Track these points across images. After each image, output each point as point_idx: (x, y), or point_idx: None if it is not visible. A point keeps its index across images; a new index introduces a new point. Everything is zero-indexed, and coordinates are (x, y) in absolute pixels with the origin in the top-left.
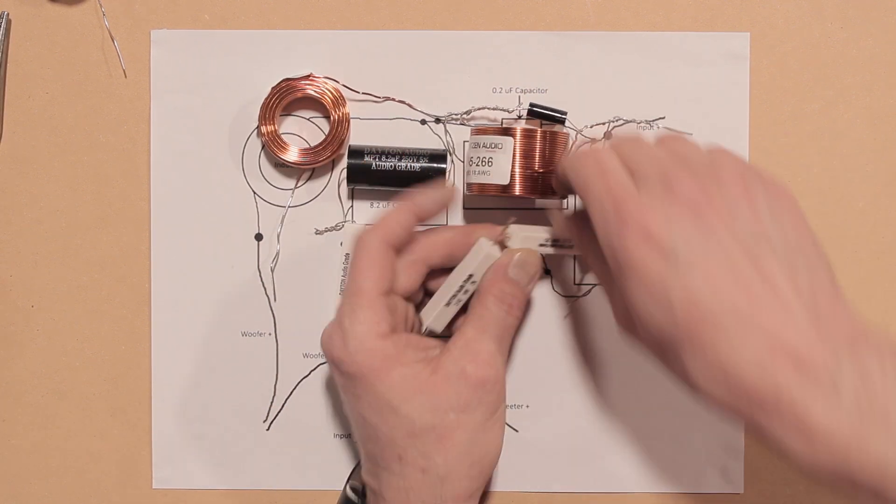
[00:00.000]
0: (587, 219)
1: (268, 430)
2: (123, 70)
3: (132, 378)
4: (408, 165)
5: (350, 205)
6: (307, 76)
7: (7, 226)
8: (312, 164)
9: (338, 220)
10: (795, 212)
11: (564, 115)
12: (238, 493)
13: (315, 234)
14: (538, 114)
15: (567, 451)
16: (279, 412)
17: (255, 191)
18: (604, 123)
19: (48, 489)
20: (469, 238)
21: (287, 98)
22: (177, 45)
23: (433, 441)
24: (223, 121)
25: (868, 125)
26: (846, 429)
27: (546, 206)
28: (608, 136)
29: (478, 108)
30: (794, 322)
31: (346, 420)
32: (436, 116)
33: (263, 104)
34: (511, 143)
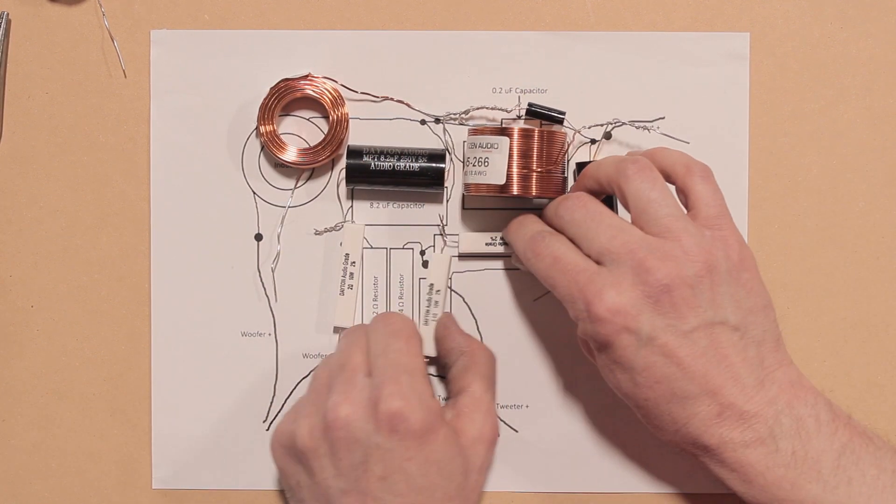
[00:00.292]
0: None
1: (268, 430)
2: (123, 70)
3: (132, 378)
4: (407, 165)
5: (350, 205)
6: (306, 76)
7: (7, 226)
8: (312, 165)
9: (337, 220)
10: (752, 279)
11: (563, 116)
12: (238, 493)
13: (315, 235)
14: (537, 113)
15: (567, 451)
16: (279, 412)
17: (255, 191)
18: (602, 125)
19: (48, 489)
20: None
21: (286, 98)
22: (177, 45)
23: (461, 502)
24: (223, 121)
25: (868, 125)
26: (781, 475)
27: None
28: (607, 136)
29: (477, 108)
30: (742, 389)
31: None
32: (435, 116)
33: (262, 104)
34: (507, 143)
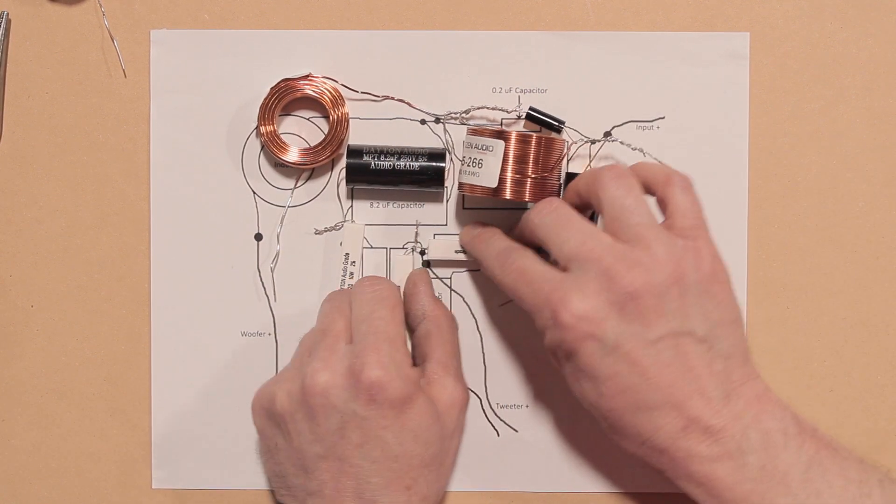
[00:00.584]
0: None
1: None
2: (123, 70)
3: (132, 378)
4: (407, 164)
5: (350, 205)
6: (306, 76)
7: (7, 226)
8: (312, 164)
9: (337, 220)
10: (722, 292)
11: (562, 125)
12: (238, 493)
13: (315, 234)
14: (536, 119)
15: (567, 451)
16: None
17: (255, 191)
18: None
19: (48, 489)
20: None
21: (286, 98)
22: (176, 45)
23: (437, 468)
24: (223, 121)
25: (868, 125)
26: (750, 489)
27: None
28: (607, 135)
29: (477, 108)
30: (708, 402)
31: None
32: (435, 116)
33: (262, 104)
34: (501, 147)
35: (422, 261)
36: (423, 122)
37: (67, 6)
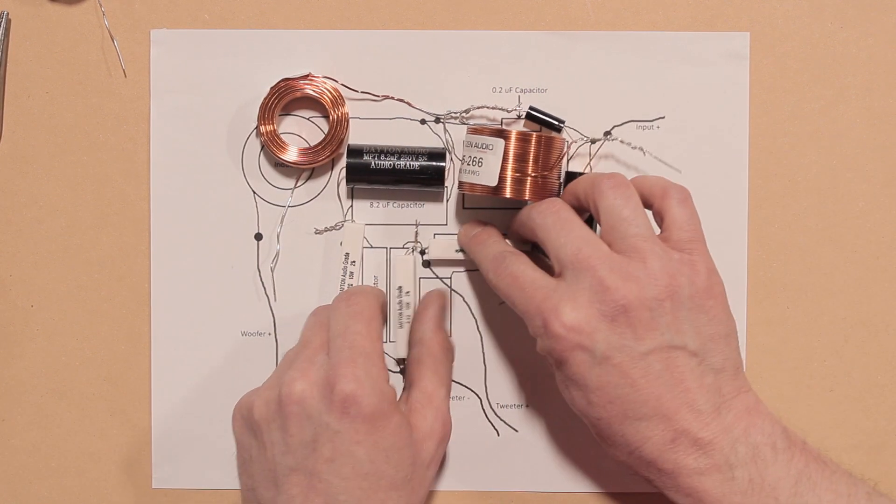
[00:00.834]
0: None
1: None
2: (123, 70)
3: (132, 378)
4: (407, 164)
5: (350, 204)
6: (306, 76)
7: (7, 226)
8: (312, 164)
9: (337, 220)
10: (716, 307)
11: (562, 124)
12: (238, 494)
13: (315, 234)
14: (536, 118)
15: (567, 451)
16: None
17: (255, 190)
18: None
19: (48, 489)
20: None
21: (286, 98)
22: (177, 45)
23: (407, 494)
24: (223, 120)
25: (868, 125)
26: (737, 502)
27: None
28: (608, 134)
29: (477, 107)
30: (698, 415)
31: None
32: (435, 115)
33: (262, 104)
34: (501, 146)
35: (422, 260)
36: (423, 122)
37: (67, 6)
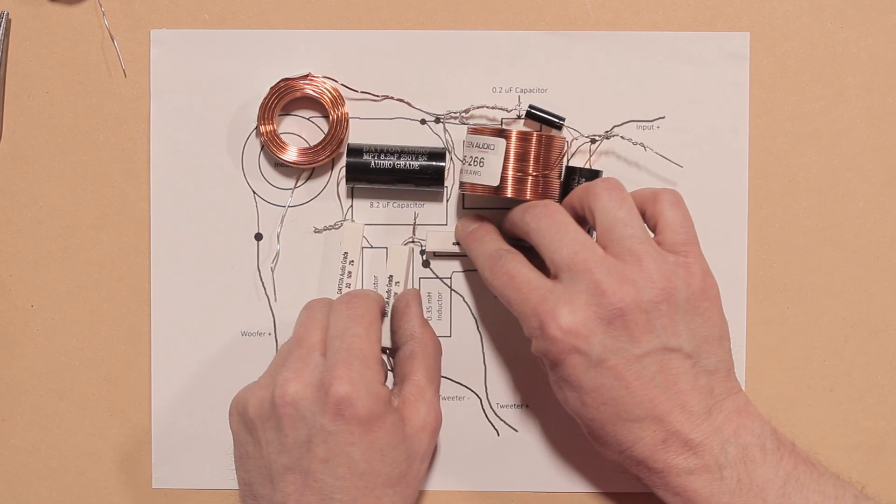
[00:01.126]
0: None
1: None
2: (123, 70)
3: (132, 378)
4: (407, 164)
5: (350, 204)
6: (306, 76)
7: (7, 226)
8: (312, 164)
9: (337, 220)
10: (711, 309)
11: (562, 121)
12: (238, 493)
13: (315, 234)
14: (536, 117)
15: (567, 451)
16: None
17: (255, 190)
18: (597, 139)
19: (48, 489)
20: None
21: (286, 98)
22: (177, 45)
23: (402, 490)
24: (223, 121)
25: (868, 125)
26: (726, 501)
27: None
28: (608, 135)
29: (477, 107)
30: (689, 417)
31: None
32: (435, 115)
33: (262, 104)
34: (503, 145)
35: (422, 261)
36: (423, 122)
37: (67, 6)
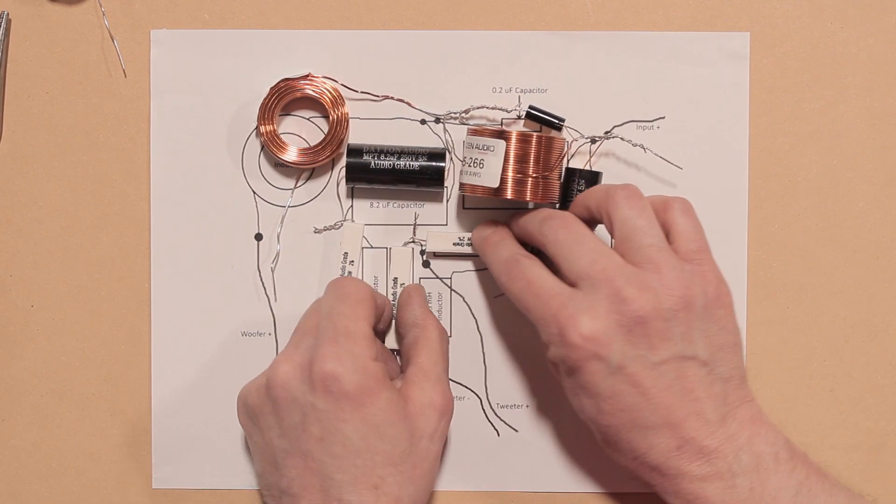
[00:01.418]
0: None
1: None
2: (123, 70)
3: (132, 378)
4: (407, 164)
5: (350, 204)
6: (306, 76)
7: (7, 226)
8: (312, 164)
9: (337, 220)
10: (726, 316)
11: (562, 122)
12: (238, 493)
13: (315, 234)
14: (536, 117)
15: (567, 452)
16: None
17: (255, 191)
18: (597, 139)
19: (48, 489)
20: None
21: (286, 98)
22: (177, 45)
23: (409, 469)
24: (223, 121)
25: (868, 125)
26: None
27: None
28: (608, 135)
29: (477, 108)
30: (705, 424)
31: None
32: (435, 116)
33: (262, 104)
34: (503, 147)
35: (422, 261)
36: (423, 122)
37: (67, 6)
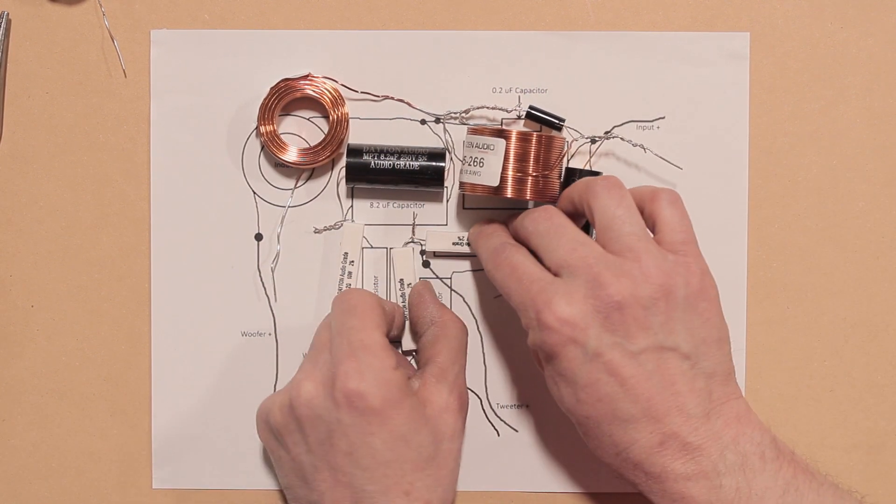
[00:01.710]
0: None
1: None
2: (123, 70)
3: (132, 378)
4: (407, 164)
5: (350, 204)
6: (306, 76)
7: (7, 226)
8: (312, 164)
9: (337, 220)
10: (710, 310)
11: (562, 122)
12: (238, 493)
13: (315, 234)
14: (536, 117)
15: (567, 452)
16: None
17: (255, 191)
18: (597, 139)
19: (48, 489)
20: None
21: (286, 98)
22: (177, 45)
23: (435, 471)
24: (223, 121)
25: (868, 125)
26: None
27: None
28: (608, 135)
29: (477, 108)
30: (687, 419)
31: None
32: (435, 116)
33: (262, 104)
34: (503, 146)
35: (421, 252)
36: (423, 122)
37: (67, 6)
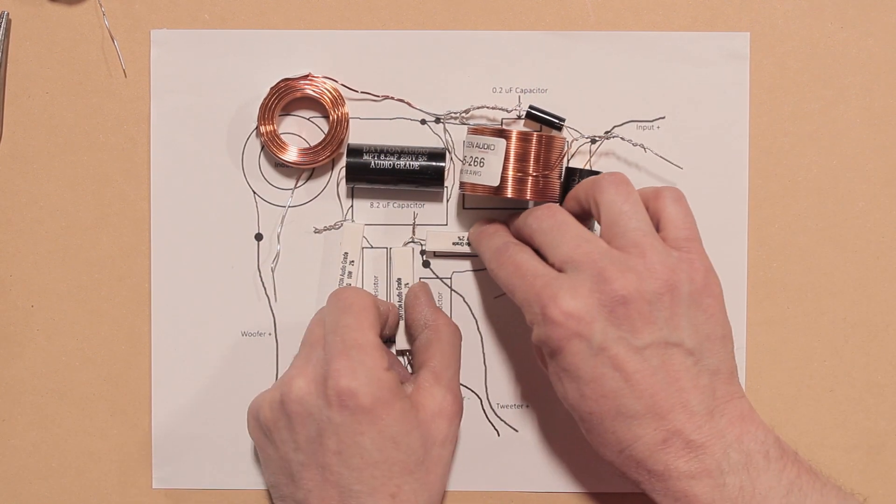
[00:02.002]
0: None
1: None
2: (123, 70)
3: (132, 378)
4: (407, 164)
5: (350, 204)
6: (306, 76)
7: (7, 226)
8: (312, 164)
9: (337, 220)
10: (714, 306)
11: (562, 122)
12: (238, 493)
13: (315, 234)
14: (536, 117)
15: (567, 452)
16: None
17: (255, 191)
18: (597, 139)
19: (48, 489)
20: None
21: (286, 98)
22: (177, 45)
23: (423, 476)
24: (223, 121)
25: (868, 125)
26: None
27: None
28: (608, 135)
29: (477, 108)
30: (691, 417)
31: None
32: (435, 116)
33: (262, 104)
34: (503, 146)
35: (421, 252)
36: (423, 122)
37: (67, 6)
